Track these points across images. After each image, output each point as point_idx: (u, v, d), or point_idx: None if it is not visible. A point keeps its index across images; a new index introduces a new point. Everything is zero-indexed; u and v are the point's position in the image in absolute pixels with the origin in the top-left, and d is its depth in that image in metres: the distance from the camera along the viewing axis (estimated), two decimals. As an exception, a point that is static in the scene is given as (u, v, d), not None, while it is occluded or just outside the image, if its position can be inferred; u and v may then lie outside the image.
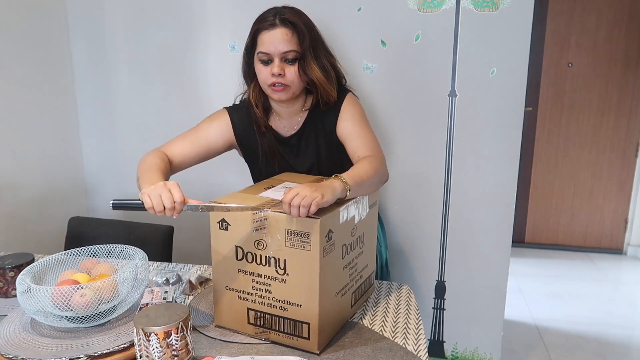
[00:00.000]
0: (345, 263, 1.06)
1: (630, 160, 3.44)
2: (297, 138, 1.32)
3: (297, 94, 1.25)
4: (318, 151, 1.31)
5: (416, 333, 1.08)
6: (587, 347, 2.38)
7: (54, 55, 2.07)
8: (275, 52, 1.17)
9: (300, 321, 0.99)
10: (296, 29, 1.16)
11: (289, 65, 1.18)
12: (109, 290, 1.01)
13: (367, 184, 1.09)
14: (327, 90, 1.23)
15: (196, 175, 2.14)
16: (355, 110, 1.28)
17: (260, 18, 1.21)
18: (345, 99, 1.28)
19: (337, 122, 1.27)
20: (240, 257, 1.02)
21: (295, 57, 1.18)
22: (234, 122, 1.33)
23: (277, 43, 1.16)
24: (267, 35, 1.17)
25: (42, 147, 2.03)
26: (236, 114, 1.33)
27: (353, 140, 1.24)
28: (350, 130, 1.25)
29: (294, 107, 1.30)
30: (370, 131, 1.27)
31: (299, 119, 1.32)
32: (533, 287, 3.03)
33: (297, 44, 1.17)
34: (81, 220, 1.80)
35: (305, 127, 1.31)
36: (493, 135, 1.83)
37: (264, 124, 1.31)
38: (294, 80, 1.19)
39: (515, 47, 1.74)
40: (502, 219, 1.90)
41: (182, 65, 2.04)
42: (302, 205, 0.89)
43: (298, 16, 1.19)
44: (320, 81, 1.21)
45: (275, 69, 1.17)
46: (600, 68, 3.33)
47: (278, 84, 1.19)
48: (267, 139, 1.32)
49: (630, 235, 3.53)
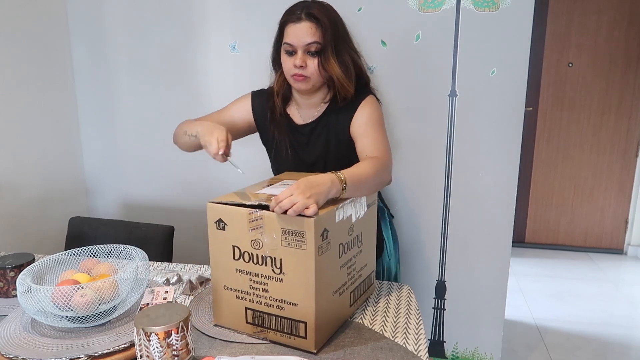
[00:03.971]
0: (342, 262, 1.06)
1: (631, 160, 3.44)
2: (310, 128, 1.35)
3: (317, 86, 1.29)
4: (327, 145, 1.33)
5: (416, 333, 1.08)
6: (587, 347, 2.38)
7: (54, 55, 2.07)
8: (298, 44, 1.21)
9: (297, 320, 0.99)
10: (320, 23, 1.20)
11: (311, 57, 1.22)
12: (110, 290, 1.01)
13: (365, 185, 1.10)
14: (344, 86, 1.26)
15: (196, 175, 2.16)
16: (372, 111, 1.29)
17: (288, 10, 1.25)
18: (365, 99, 1.30)
19: (352, 120, 1.29)
20: (237, 256, 1.02)
21: (317, 50, 1.22)
22: (254, 105, 1.39)
23: (301, 35, 1.21)
24: (292, 28, 1.22)
25: (42, 147, 2.03)
26: (258, 98, 1.40)
27: (363, 140, 1.26)
28: (363, 129, 1.27)
29: (313, 98, 1.33)
30: (383, 135, 1.28)
31: (316, 112, 1.35)
32: (533, 287, 3.03)
33: (320, 37, 1.21)
34: (81, 220, 1.80)
35: (320, 120, 1.34)
36: (493, 135, 1.83)
37: (279, 111, 1.36)
38: (314, 72, 1.23)
39: (516, 47, 1.74)
40: (502, 219, 1.90)
41: (182, 65, 2.04)
42: (293, 210, 0.92)
43: (324, 12, 1.23)
44: (338, 76, 1.24)
45: (297, 61, 1.22)
46: (600, 68, 3.33)
47: (299, 75, 1.24)
48: (280, 126, 1.36)
49: (630, 235, 3.53)
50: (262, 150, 1.46)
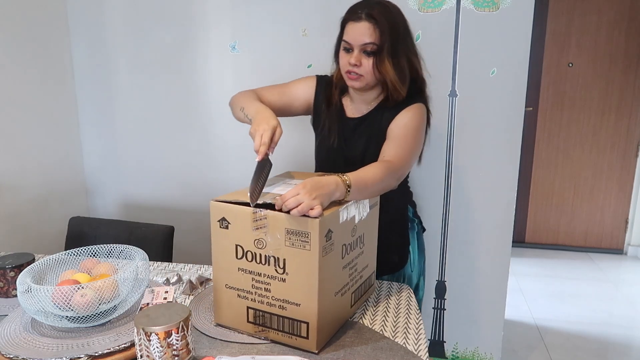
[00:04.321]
0: (345, 263, 1.06)
1: (631, 160, 3.44)
2: (357, 123, 1.35)
3: (370, 85, 1.29)
4: (368, 143, 1.33)
5: (416, 333, 1.08)
6: (587, 347, 2.38)
7: (54, 55, 2.07)
8: (355, 43, 1.22)
9: (299, 320, 0.99)
10: (378, 24, 1.20)
11: (366, 57, 1.23)
12: (110, 290, 1.01)
13: (370, 190, 1.10)
14: (397, 89, 1.25)
15: (196, 175, 2.15)
16: (412, 118, 1.27)
17: (351, 8, 1.25)
18: (413, 105, 1.28)
19: (392, 121, 1.29)
20: (240, 255, 1.02)
21: (373, 51, 1.22)
22: (317, 88, 1.41)
23: (359, 35, 1.21)
24: (351, 27, 1.23)
25: (42, 147, 2.03)
26: (321, 82, 1.41)
27: (389, 142, 1.26)
28: (395, 133, 1.26)
29: (365, 95, 1.34)
30: (410, 144, 1.25)
31: (366, 108, 1.35)
32: (533, 287, 3.03)
33: (377, 38, 1.21)
34: (81, 220, 1.80)
35: (368, 117, 1.34)
36: (493, 135, 1.83)
37: (335, 100, 1.38)
38: (368, 72, 1.24)
39: (516, 47, 1.74)
40: (502, 219, 1.90)
41: (182, 65, 2.04)
42: (298, 210, 0.93)
43: (386, 13, 1.22)
44: (391, 79, 1.24)
45: (352, 59, 1.23)
46: (600, 68, 3.33)
47: (353, 73, 1.25)
48: (332, 115, 1.37)
49: (630, 235, 3.53)
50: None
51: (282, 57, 1.94)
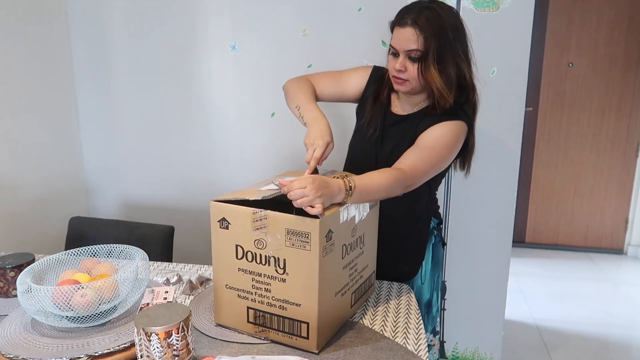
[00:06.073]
0: (345, 263, 1.06)
1: (631, 161, 3.44)
2: (398, 120, 1.34)
3: (416, 90, 1.27)
4: (400, 145, 1.28)
5: (416, 333, 1.08)
6: (587, 347, 2.38)
7: (54, 55, 2.07)
8: (400, 49, 1.21)
9: (300, 320, 0.99)
10: (423, 31, 1.17)
11: (412, 62, 1.21)
12: (110, 290, 1.01)
13: (373, 196, 1.10)
14: (443, 96, 1.21)
15: (196, 175, 2.15)
16: (447, 135, 1.22)
17: (399, 13, 1.24)
18: (454, 122, 1.23)
19: (427, 129, 1.24)
20: (240, 256, 1.02)
21: (418, 57, 1.20)
22: (370, 79, 1.40)
23: (403, 41, 1.20)
24: (397, 32, 1.22)
25: (42, 147, 2.03)
26: (376, 74, 1.40)
27: (413, 150, 1.22)
28: (422, 143, 1.23)
29: (411, 100, 1.32)
30: (434, 160, 1.21)
31: (412, 109, 1.33)
32: (533, 287, 3.03)
33: (421, 45, 1.18)
34: (81, 220, 1.80)
35: (408, 118, 1.32)
36: (493, 136, 1.83)
37: (382, 97, 1.37)
38: (413, 77, 1.22)
39: (516, 47, 1.74)
40: (502, 219, 1.90)
41: (182, 65, 2.04)
42: (301, 201, 0.94)
43: (434, 18, 1.18)
44: (437, 86, 1.20)
45: (397, 65, 1.22)
46: (600, 68, 3.33)
47: (398, 78, 1.25)
48: (377, 108, 1.36)
49: (630, 235, 3.53)
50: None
51: (282, 57, 1.94)
